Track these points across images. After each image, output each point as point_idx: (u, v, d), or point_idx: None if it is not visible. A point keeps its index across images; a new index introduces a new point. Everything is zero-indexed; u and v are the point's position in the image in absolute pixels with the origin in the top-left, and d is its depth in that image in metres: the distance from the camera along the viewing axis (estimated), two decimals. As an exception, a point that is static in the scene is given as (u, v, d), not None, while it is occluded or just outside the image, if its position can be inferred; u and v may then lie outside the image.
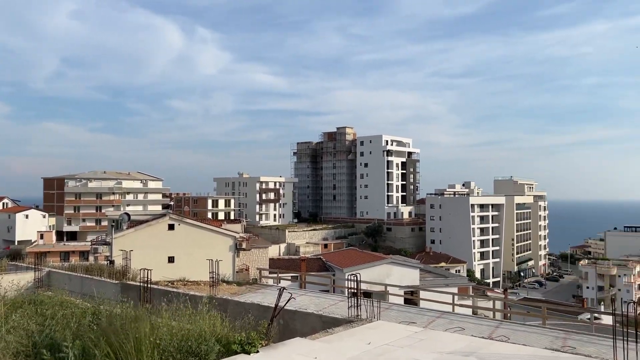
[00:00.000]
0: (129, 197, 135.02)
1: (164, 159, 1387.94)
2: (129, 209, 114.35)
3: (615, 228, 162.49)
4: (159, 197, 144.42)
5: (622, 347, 11.64)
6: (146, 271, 17.40)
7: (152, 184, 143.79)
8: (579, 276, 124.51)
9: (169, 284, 22.53)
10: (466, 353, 10.80)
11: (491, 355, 10.66)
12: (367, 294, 34.47)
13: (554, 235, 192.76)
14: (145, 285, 17.40)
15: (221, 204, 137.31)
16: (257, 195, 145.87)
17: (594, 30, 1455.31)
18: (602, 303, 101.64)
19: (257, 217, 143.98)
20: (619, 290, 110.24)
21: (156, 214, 56.90)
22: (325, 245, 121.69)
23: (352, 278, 15.23)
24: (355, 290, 14.74)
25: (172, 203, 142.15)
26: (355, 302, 14.25)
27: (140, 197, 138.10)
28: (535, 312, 41.97)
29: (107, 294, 18.17)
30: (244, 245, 42.14)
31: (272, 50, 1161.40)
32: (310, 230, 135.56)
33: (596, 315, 42.78)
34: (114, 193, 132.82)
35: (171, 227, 39.53)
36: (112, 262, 28.98)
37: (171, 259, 37.12)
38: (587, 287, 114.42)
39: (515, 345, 12.43)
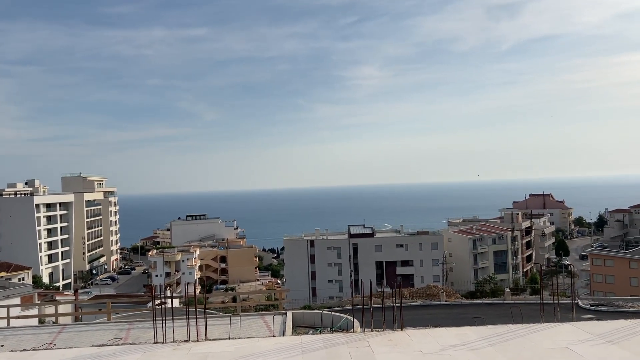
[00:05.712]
0: None
1: None
2: None
3: (179, 218, 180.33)
4: None
5: (163, 326, 12.93)
6: None
7: None
8: (149, 266, 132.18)
9: None
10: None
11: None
12: None
13: (125, 230, 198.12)
14: None
15: None
16: None
17: (154, 35, 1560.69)
18: (169, 288, 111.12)
19: None
20: (183, 273, 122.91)
21: None
22: None
23: None
24: None
25: None
26: None
27: None
28: (105, 309, 42.33)
29: None
30: None
31: None
32: None
33: (163, 300, 46.55)
34: None
35: None
36: None
37: None
38: (156, 275, 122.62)
39: (60, 350, 12.14)
